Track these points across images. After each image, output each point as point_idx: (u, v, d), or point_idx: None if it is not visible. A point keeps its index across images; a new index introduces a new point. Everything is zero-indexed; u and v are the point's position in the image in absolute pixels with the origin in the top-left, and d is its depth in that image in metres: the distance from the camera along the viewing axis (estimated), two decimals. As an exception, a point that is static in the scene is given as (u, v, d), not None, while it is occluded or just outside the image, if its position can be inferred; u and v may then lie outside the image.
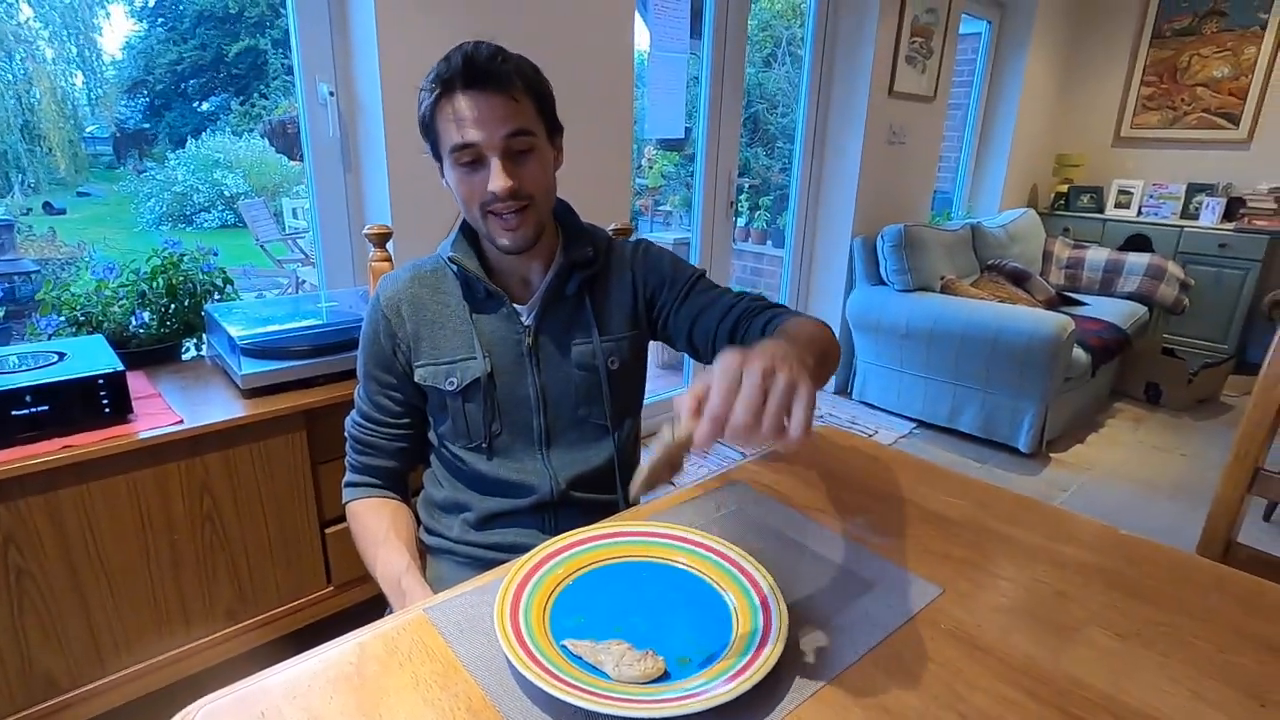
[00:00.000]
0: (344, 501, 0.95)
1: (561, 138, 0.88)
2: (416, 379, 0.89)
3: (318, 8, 1.60)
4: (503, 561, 0.80)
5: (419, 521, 0.98)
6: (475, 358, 0.87)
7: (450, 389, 0.87)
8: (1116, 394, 3.34)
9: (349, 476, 0.96)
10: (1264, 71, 3.65)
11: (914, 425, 2.94)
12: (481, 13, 1.70)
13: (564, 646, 0.57)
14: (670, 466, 0.57)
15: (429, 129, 0.83)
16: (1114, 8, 4.05)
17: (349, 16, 1.62)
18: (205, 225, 8.43)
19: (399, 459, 0.95)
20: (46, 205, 8.34)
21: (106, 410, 1.06)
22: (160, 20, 11.06)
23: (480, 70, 0.77)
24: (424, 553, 0.97)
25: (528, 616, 0.60)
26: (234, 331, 1.22)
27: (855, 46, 2.84)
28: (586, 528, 0.74)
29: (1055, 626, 0.65)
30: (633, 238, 1.01)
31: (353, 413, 0.96)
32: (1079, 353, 2.64)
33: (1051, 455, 2.70)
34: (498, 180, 0.79)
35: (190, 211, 8.54)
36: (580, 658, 0.56)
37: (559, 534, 0.72)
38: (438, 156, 0.84)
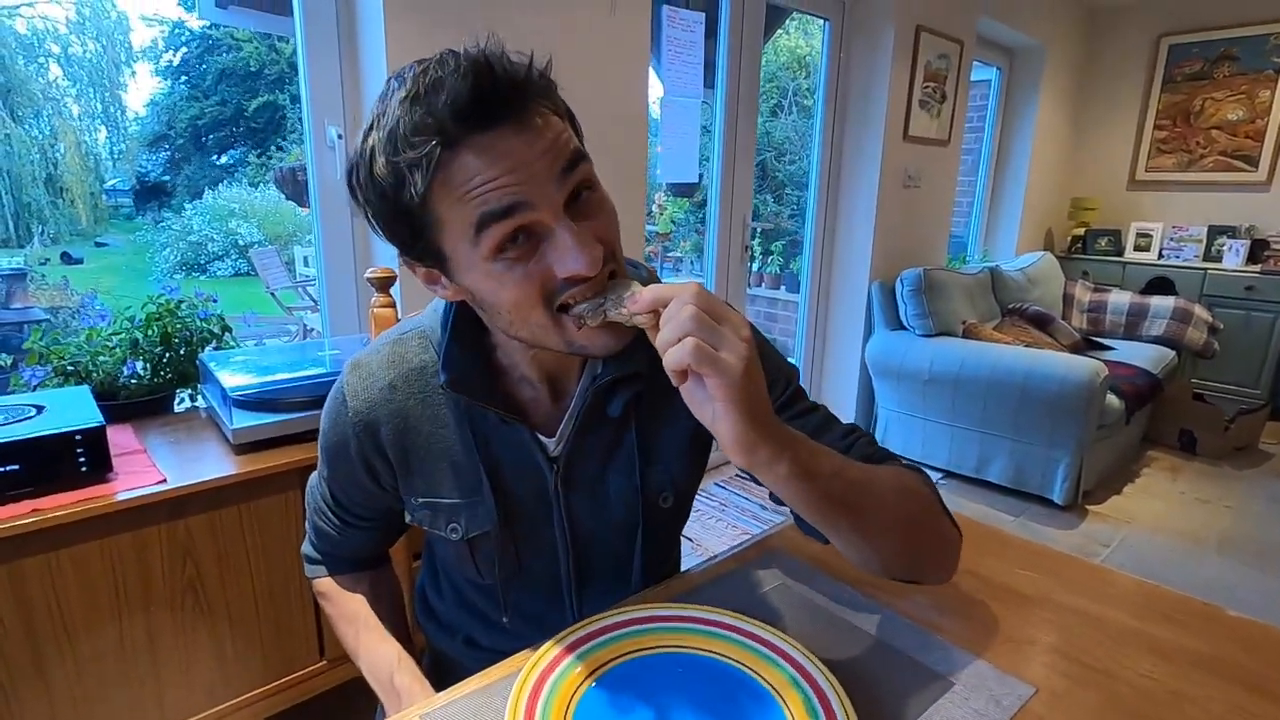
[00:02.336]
0: (308, 575, 0.80)
1: None
2: (406, 518, 0.70)
3: (329, 51, 1.57)
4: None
5: (413, 599, 0.87)
6: (483, 501, 0.65)
7: (453, 538, 0.67)
8: (1148, 442, 3.20)
9: (308, 549, 0.80)
10: (1280, 114, 3.63)
11: (940, 476, 2.81)
12: (495, 57, 1.67)
13: (589, 772, 0.47)
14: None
15: (416, 219, 0.52)
16: (1123, 53, 4.06)
17: (360, 60, 1.59)
18: (219, 273, 8.54)
19: (370, 548, 0.80)
20: (65, 255, 8.48)
21: (84, 469, 0.97)
22: (183, 78, 11.47)
23: (502, 89, 0.49)
24: (419, 636, 0.86)
25: (545, 729, 0.50)
26: (227, 382, 1.14)
27: (869, 91, 2.83)
28: (611, 613, 0.64)
29: (1179, 738, 0.54)
30: None
31: (314, 483, 0.76)
32: (1112, 399, 2.53)
33: (1088, 507, 2.56)
34: (582, 252, 0.50)
35: (205, 260, 8.66)
36: (610, 788, 0.46)
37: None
38: (434, 256, 0.54)
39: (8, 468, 0.91)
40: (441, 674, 0.80)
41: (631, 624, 0.62)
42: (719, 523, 2.37)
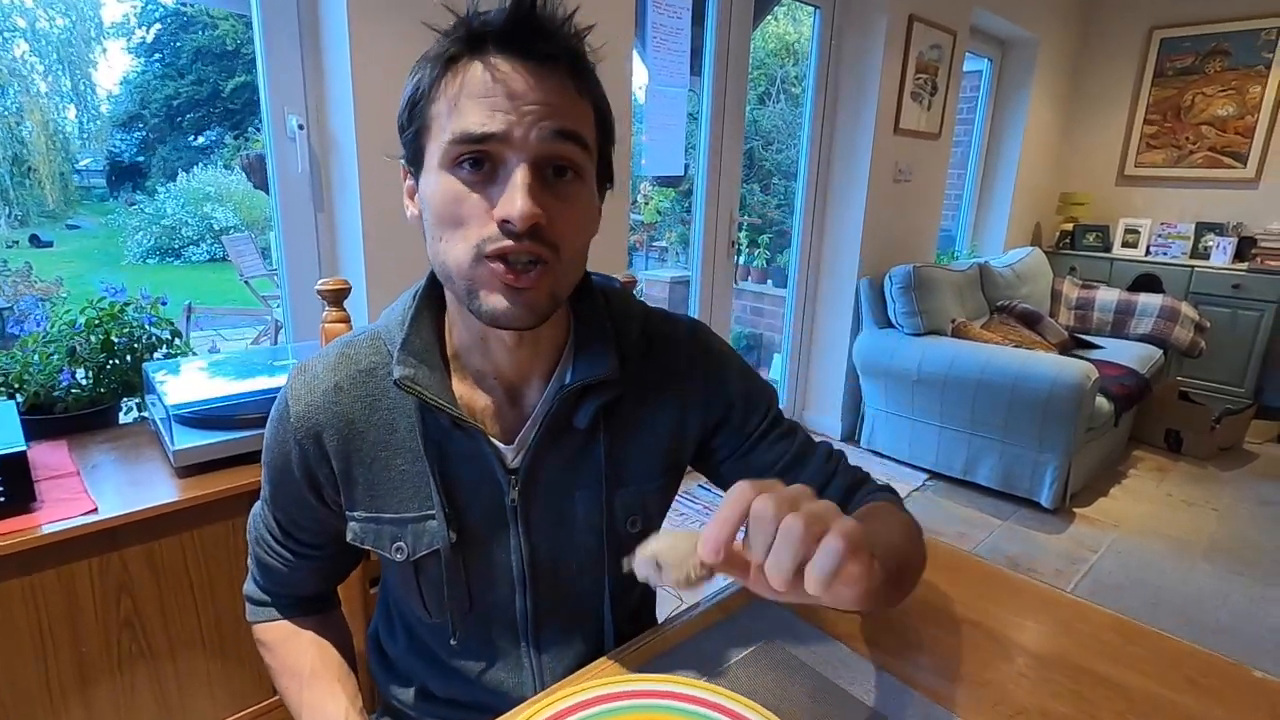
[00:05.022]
0: (249, 619, 0.72)
1: (605, 195, 0.61)
2: (349, 536, 0.62)
3: (289, 36, 1.46)
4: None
5: (366, 641, 0.79)
6: (433, 516, 0.60)
7: (398, 559, 0.61)
8: (1134, 441, 3.19)
9: (251, 588, 0.72)
10: (1270, 110, 3.59)
11: (927, 477, 2.77)
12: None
13: None
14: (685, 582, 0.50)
15: (417, 111, 0.53)
16: (1114, 47, 4.01)
17: (322, 46, 1.49)
18: (194, 259, 8.31)
19: (320, 583, 0.73)
20: (34, 238, 8.20)
21: (1, 499, 0.88)
22: (158, 56, 11.10)
23: (536, 26, 0.50)
24: (368, 681, 0.78)
25: None
26: (170, 398, 1.05)
27: (860, 82, 2.75)
28: (579, 686, 0.56)
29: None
30: (682, 324, 0.69)
31: (258, 512, 0.69)
32: (1102, 401, 2.50)
33: (1075, 510, 2.53)
34: (517, 200, 0.48)
35: (179, 245, 8.42)
36: None
37: None
38: (416, 160, 0.54)
39: (-89, 501, 0.82)
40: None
41: (605, 700, 0.55)
42: (703, 528, 2.31)
